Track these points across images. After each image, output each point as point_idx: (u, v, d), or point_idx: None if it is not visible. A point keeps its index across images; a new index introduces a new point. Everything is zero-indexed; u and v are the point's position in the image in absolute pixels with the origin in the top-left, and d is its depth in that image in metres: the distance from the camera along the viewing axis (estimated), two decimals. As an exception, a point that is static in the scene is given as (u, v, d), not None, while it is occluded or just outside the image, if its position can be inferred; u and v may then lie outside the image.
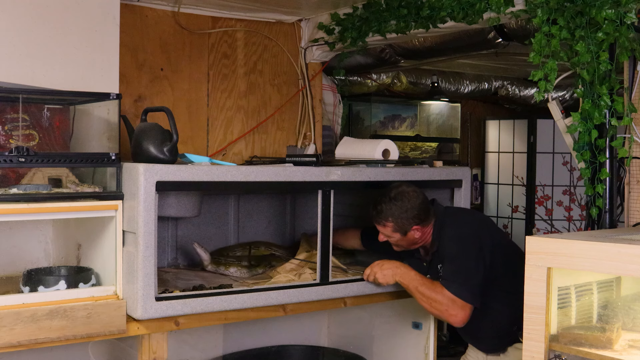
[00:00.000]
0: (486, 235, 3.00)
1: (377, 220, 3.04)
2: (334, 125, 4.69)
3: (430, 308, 2.93)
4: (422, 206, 3.02)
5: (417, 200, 3.01)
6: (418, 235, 3.04)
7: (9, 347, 2.40)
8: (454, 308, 2.85)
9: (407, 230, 3.01)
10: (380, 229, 3.06)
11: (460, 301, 2.84)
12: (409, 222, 2.99)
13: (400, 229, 3.01)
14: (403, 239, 3.05)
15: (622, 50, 2.76)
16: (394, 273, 3.04)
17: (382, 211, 3.01)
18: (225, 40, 3.98)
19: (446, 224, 3.04)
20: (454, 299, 2.84)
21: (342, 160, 3.34)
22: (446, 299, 2.86)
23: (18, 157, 2.45)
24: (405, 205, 2.98)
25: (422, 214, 3.01)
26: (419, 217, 3.00)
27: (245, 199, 3.72)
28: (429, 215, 3.05)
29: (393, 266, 3.05)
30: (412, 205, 2.99)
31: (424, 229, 3.04)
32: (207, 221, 3.60)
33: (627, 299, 2.44)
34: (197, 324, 2.80)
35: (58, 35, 2.93)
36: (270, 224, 3.85)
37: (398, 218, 2.98)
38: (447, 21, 3.38)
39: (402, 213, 2.98)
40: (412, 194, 3.01)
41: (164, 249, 3.44)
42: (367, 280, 3.12)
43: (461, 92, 6.31)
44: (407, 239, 3.05)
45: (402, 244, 3.08)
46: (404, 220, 2.99)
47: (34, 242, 2.94)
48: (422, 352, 3.54)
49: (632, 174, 2.89)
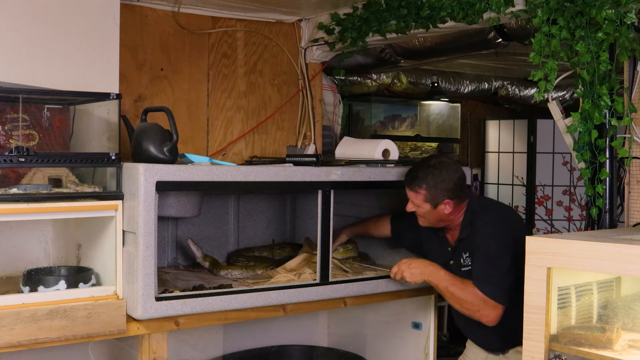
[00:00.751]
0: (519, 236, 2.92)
1: (411, 185, 2.97)
2: (334, 125, 4.69)
3: (460, 308, 2.88)
4: (459, 182, 2.95)
5: (455, 174, 2.94)
6: (448, 211, 2.95)
7: (9, 347, 2.40)
8: (485, 309, 2.81)
9: (438, 203, 2.93)
10: (412, 196, 2.98)
11: (492, 302, 2.80)
12: (442, 194, 2.92)
13: (432, 199, 2.93)
14: (432, 212, 2.97)
15: (622, 50, 2.76)
16: (422, 272, 2.98)
17: (417, 177, 2.94)
18: (225, 40, 3.98)
19: (480, 215, 2.97)
20: (486, 299, 2.80)
21: (342, 160, 3.35)
22: (478, 299, 2.81)
23: (18, 157, 2.45)
24: (442, 176, 2.92)
25: (457, 190, 2.94)
26: (453, 192, 2.92)
27: (245, 199, 3.72)
28: (463, 194, 2.97)
29: (421, 265, 2.99)
30: (450, 177, 2.92)
31: (455, 207, 2.96)
32: (207, 221, 3.60)
33: (627, 299, 2.45)
34: (197, 324, 2.80)
35: (58, 35, 2.93)
36: (270, 224, 3.85)
37: (432, 187, 2.91)
38: (447, 21, 3.38)
39: (437, 183, 2.91)
40: (451, 166, 2.96)
41: (164, 249, 3.44)
42: (394, 278, 3.07)
43: (461, 92, 6.32)
44: (435, 213, 2.97)
45: (429, 217, 3.00)
46: (437, 191, 2.91)
47: (34, 242, 2.93)
48: (422, 352, 3.54)
49: (632, 174, 2.89)
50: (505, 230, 2.92)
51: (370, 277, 3.20)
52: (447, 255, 3.05)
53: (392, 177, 3.21)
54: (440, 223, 3.03)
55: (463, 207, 3.00)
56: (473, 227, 2.96)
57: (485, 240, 2.90)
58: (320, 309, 3.23)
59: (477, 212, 2.98)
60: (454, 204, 2.96)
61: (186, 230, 3.52)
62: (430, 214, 2.99)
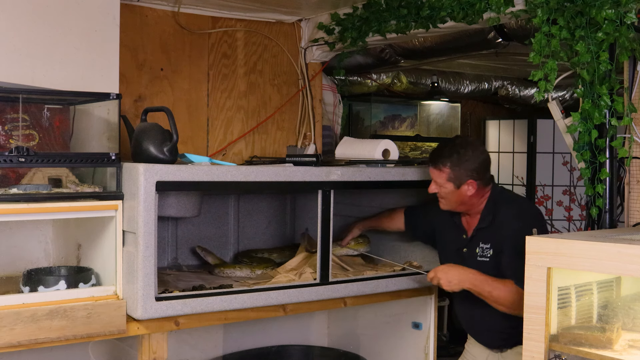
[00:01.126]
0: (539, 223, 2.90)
1: (435, 163, 2.95)
2: (334, 125, 4.69)
3: (506, 309, 2.79)
4: (484, 163, 2.94)
5: (481, 155, 2.94)
6: (471, 192, 2.92)
7: (9, 347, 2.40)
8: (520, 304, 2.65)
9: (462, 183, 2.91)
10: (435, 174, 2.96)
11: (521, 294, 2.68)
12: (466, 174, 2.89)
13: (456, 179, 2.91)
14: (454, 193, 2.94)
15: (622, 50, 2.76)
16: (460, 281, 2.88)
17: (442, 155, 2.93)
18: (225, 40, 3.98)
19: (506, 208, 2.93)
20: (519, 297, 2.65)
21: (342, 160, 3.35)
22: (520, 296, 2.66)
23: (18, 157, 2.45)
24: (468, 155, 2.90)
25: (481, 171, 2.92)
26: (477, 172, 2.90)
27: (245, 199, 3.72)
28: (487, 177, 2.95)
29: (458, 273, 2.89)
30: (475, 157, 2.91)
31: (478, 191, 2.93)
32: (207, 221, 3.60)
33: (627, 299, 2.44)
34: (197, 324, 2.80)
35: (58, 35, 2.93)
36: (270, 224, 3.85)
37: (456, 166, 2.89)
38: (447, 21, 3.38)
39: (462, 162, 2.89)
40: (478, 147, 2.95)
41: (164, 249, 3.44)
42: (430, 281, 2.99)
43: (461, 92, 6.31)
44: (458, 194, 2.94)
45: (451, 199, 2.96)
46: (461, 170, 2.89)
47: (34, 242, 2.93)
48: (422, 352, 3.54)
49: (632, 174, 2.89)
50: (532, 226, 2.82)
51: (370, 277, 3.20)
52: (462, 242, 3.01)
53: (392, 177, 3.21)
54: (461, 207, 2.99)
55: (486, 193, 2.97)
56: (496, 220, 2.93)
57: (515, 236, 2.80)
58: (320, 309, 3.23)
59: (501, 204, 2.95)
60: (477, 186, 2.93)
61: (186, 230, 3.53)
62: (452, 195, 2.96)
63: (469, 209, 3.01)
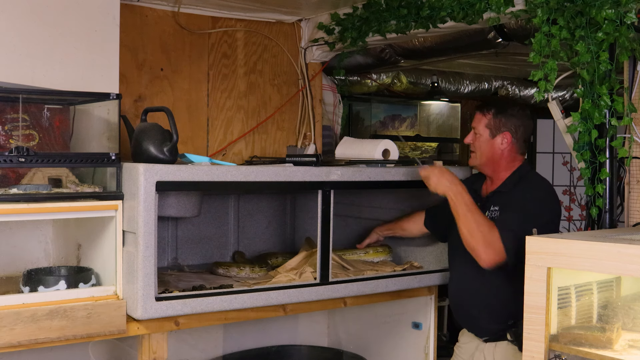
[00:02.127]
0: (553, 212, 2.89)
1: (481, 107, 3.03)
2: (334, 125, 4.69)
3: (468, 236, 2.79)
4: (524, 128, 2.99)
5: (525, 118, 2.99)
6: (504, 147, 2.95)
7: (9, 347, 2.40)
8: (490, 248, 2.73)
9: (498, 133, 2.96)
10: (477, 119, 3.01)
11: (500, 247, 2.73)
12: (505, 124, 2.95)
13: (494, 126, 2.96)
14: (488, 142, 2.97)
15: (622, 50, 2.76)
16: (449, 187, 2.88)
17: (491, 103, 3.02)
18: (225, 40, 3.98)
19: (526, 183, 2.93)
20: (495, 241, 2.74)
21: (342, 160, 3.35)
22: (490, 236, 2.75)
23: (18, 157, 2.45)
24: (513, 110, 2.98)
25: (520, 133, 2.97)
26: (516, 129, 2.96)
27: (245, 199, 3.72)
28: (523, 144, 3.00)
29: (452, 180, 2.90)
30: (519, 115, 2.98)
31: (510, 150, 2.97)
32: (207, 221, 3.60)
33: (627, 299, 2.45)
34: (197, 324, 2.80)
35: (58, 35, 2.93)
36: (270, 224, 3.85)
37: (499, 113, 2.96)
38: (447, 21, 3.38)
39: (506, 114, 2.96)
40: (526, 112, 3.03)
41: (164, 249, 3.44)
42: (420, 173, 3.03)
43: (461, 92, 6.31)
44: (490, 145, 2.97)
45: (483, 149, 2.98)
46: (502, 120, 2.95)
47: (34, 242, 2.93)
48: (422, 352, 3.54)
49: (632, 174, 2.89)
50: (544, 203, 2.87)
51: (370, 277, 3.20)
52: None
53: (392, 177, 3.21)
54: (488, 164, 3.00)
55: (516, 161, 2.99)
56: (514, 190, 2.92)
57: (524, 198, 2.86)
58: (320, 309, 3.22)
59: (526, 180, 2.95)
60: (511, 143, 2.96)
61: (186, 230, 3.53)
62: (485, 145, 2.98)
63: (495, 171, 3.00)
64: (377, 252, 3.51)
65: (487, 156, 2.99)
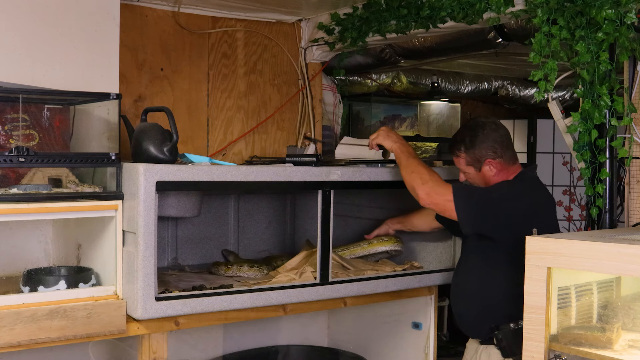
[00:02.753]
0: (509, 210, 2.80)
1: (452, 150, 2.95)
2: (334, 125, 4.69)
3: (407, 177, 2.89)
4: (500, 140, 2.88)
5: (493, 132, 2.88)
6: (494, 172, 2.88)
7: (9, 347, 2.40)
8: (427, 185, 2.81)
9: (482, 165, 2.88)
10: (456, 161, 2.96)
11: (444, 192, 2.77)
12: (481, 154, 2.87)
13: (474, 161, 2.89)
14: (478, 176, 2.92)
15: (622, 50, 2.76)
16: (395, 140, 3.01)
17: (456, 141, 2.93)
18: (225, 40, 3.98)
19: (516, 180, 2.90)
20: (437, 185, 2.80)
21: (342, 160, 3.34)
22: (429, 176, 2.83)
23: (18, 157, 2.45)
24: (479, 136, 2.87)
25: (498, 149, 2.87)
26: (493, 150, 2.86)
27: (245, 199, 3.72)
28: (508, 153, 2.90)
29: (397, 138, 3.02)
30: (487, 136, 2.86)
31: (502, 169, 2.89)
32: (207, 221, 3.60)
33: (627, 299, 2.45)
34: (197, 324, 2.80)
35: (58, 35, 2.93)
36: (270, 224, 3.85)
37: (471, 148, 2.88)
38: (447, 21, 3.38)
39: (476, 143, 2.87)
40: (488, 125, 2.89)
41: (164, 249, 3.44)
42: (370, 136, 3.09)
43: (461, 92, 6.31)
44: (481, 176, 2.91)
45: (478, 182, 2.94)
46: (476, 151, 2.87)
47: (34, 242, 2.93)
48: (422, 352, 3.54)
49: (632, 174, 2.89)
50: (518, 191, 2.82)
51: (370, 277, 3.20)
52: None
53: (392, 177, 3.21)
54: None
55: (513, 172, 2.92)
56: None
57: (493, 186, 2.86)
58: (320, 309, 3.23)
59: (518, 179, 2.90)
60: (499, 164, 2.89)
61: (186, 230, 3.53)
62: (477, 179, 2.94)
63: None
64: (381, 242, 3.47)
65: (484, 184, 2.96)
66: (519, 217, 2.76)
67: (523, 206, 2.79)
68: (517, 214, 2.78)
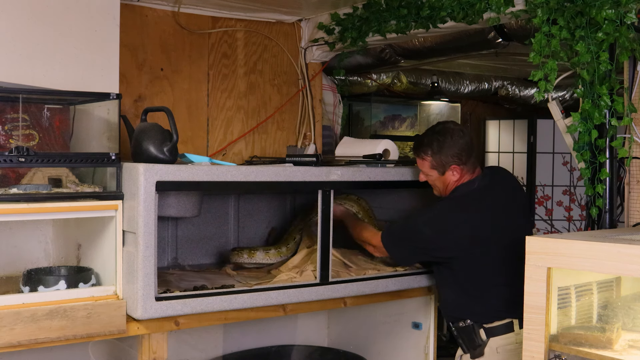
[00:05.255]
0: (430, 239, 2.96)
1: (417, 152, 2.98)
2: (334, 125, 4.69)
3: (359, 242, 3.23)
4: (466, 147, 2.92)
5: (460, 139, 2.91)
6: (456, 177, 2.93)
7: (9, 347, 2.40)
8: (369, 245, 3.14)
9: (446, 170, 2.92)
10: (420, 163, 2.99)
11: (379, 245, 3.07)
12: (447, 160, 2.90)
13: (439, 165, 2.93)
14: (440, 179, 2.97)
15: (622, 50, 2.76)
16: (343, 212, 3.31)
17: (422, 144, 2.95)
18: (225, 40, 3.98)
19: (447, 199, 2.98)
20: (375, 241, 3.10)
21: (342, 160, 3.34)
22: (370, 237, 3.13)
23: (18, 157, 2.45)
24: (447, 141, 2.90)
25: (464, 156, 2.91)
26: (459, 157, 2.91)
27: (245, 199, 3.72)
28: (470, 160, 2.94)
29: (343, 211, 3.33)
30: (455, 142, 2.90)
31: (463, 174, 2.94)
32: (207, 221, 3.60)
33: (627, 299, 2.45)
34: (197, 324, 2.80)
35: (58, 36, 2.93)
36: (270, 224, 3.85)
37: (437, 153, 2.91)
38: (447, 21, 3.38)
39: (442, 148, 2.90)
40: (457, 132, 2.93)
41: (164, 249, 3.44)
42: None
43: (461, 92, 6.31)
44: (444, 180, 2.96)
45: (439, 185, 3.00)
46: (443, 157, 2.90)
47: (34, 242, 2.93)
48: (422, 352, 3.54)
49: (632, 174, 2.89)
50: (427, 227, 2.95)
51: (370, 277, 3.20)
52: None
53: (392, 177, 3.21)
54: (449, 191, 3.00)
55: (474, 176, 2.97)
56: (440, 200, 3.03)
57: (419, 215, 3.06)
58: (320, 309, 3.22)
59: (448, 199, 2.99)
60: (461, 171, 2.94)
61: (186, 230, 3.52)
62: (439, 182, 2.99)
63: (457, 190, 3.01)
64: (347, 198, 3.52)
65: (445, 189, 3.01)
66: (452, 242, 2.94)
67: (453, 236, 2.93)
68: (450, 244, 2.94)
